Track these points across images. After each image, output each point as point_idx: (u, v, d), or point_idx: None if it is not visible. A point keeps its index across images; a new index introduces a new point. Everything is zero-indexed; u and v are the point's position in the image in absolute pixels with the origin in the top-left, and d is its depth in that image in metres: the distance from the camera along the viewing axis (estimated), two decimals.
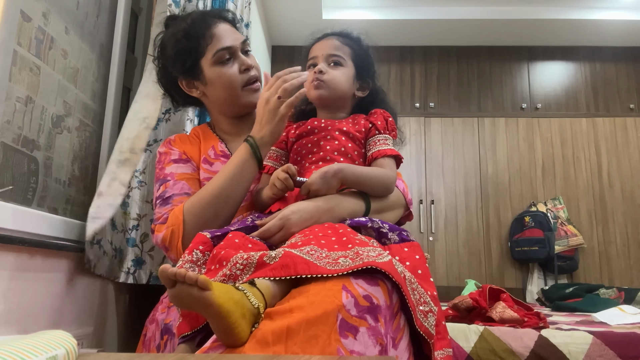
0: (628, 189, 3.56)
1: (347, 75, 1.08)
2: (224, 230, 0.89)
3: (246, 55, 1.16)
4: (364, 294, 0.66)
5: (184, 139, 1.21)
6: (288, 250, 0.71)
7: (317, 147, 1.03)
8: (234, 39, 1.13)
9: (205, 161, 1.16)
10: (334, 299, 0.63)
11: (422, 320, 0.72)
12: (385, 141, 1.04)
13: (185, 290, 0.57)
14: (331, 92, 1.06)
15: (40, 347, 0.50)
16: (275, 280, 0.68)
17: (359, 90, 1.12)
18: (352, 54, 1.10)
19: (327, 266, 0.68)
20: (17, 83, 1.03)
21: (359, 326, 0.63)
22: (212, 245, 0.85)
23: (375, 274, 0.69)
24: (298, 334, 0.60)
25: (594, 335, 1.48)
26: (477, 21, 3.57)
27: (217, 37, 1.11)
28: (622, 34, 3.65)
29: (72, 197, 1.27)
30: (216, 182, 1.01)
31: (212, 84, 1.13)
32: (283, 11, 3.37)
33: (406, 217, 1.11)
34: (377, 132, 1.04)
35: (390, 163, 1.02)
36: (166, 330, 1.00)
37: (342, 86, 1.07)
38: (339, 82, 1.07)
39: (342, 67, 1.08)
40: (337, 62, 1.08)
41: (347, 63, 1.09)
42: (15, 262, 0.97)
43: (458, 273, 3.49)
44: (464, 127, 3.75)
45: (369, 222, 0.89)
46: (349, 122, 1.07)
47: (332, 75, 1.06)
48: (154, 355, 0.63)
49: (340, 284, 0.66)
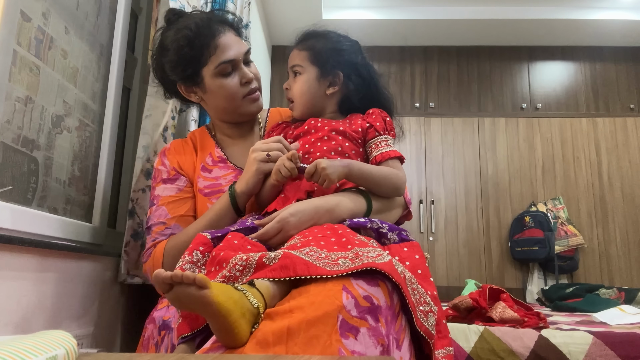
0: (628, 189, 3.56)
1: (306, 82, 1.08)
2: (224, 231, 0.89)
3: (247, 66, 1.15)
4: (364, 295, 0.66)
5: (178, 148, 1.20)
6: (287, 252, 0.71)
7: (314, 147, 1.03)
8: (237, 51, 1.11)
9: (204, 169, 1.16)
10: (335, 299, 0.63)
11: (422, 320, 0.72)
12: (386, 142, 1.03)
13: (184, 291, 0.56)
14: (299, 104, 1.09)
15: (40, 347, 0.50)
16: (274, 280, 0.68)
17: (330, 86, 1.09)
18: (309, 56, 1.09)
19: (326, 267, 0.68)
20: (17, 83, 1.03)
21: (360, 327, 0.63)
22: (212, 246, 0.85)
23: (376, 274, 0.69)
24: (299, 335, 0.59)
25: (594, 336, 1.48)
26: (477, 21, 3.57)
27: (221, 48, 1.08)
28: (622, 34, 3.65)
29: (72, 197, 1.27)
30: (196, 228, 1.03)
31: (212, 93, 1.12)
32: (283, 11, 3.37)
33: (405, 217, 1.11)
34: (377, 133, 1.04)
35: (397, 165, 1.02)
36: (164, 326, 1.00)
37: (304, 94, 1.08)
38: (299, 91, 1.08)
39: (301, 75, 1.09)
40: (296, 72, 1.10)
41: (306, 68, 1.08)
42: (15, 262, 0.97)
43: (458, 273, 3.49)
44: (464, 127, 3.75)
45: (368, 223, 0.89)
46: (345, 122, 1.06)
47: (292, 88, 1.10)
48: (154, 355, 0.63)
49: (340, 285, 0.66)
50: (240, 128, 1.21)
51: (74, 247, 1.19)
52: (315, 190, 0.96)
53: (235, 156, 1.19)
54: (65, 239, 1.18)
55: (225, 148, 1.20)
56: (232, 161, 1.17)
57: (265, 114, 1.28)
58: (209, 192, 1.13)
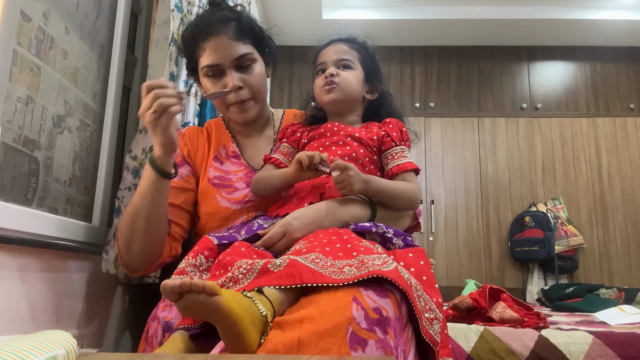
0: (628, 189, 3.56)
1: (357, 77, 1.10)
2: (231, 238, 0.89)
3: (242, 71, 1.10)
4: (373, 306, 0.65)
5: (192, 137, 1.21)
6: (293, 259, 0.71)
7: (329, 151, 1.03)
8: (225, 56, 1.07)
9: (216, 159, 1.16)
10: (345, 311, 0.63)
11: (427, 327, 0.72)
12: (402, 153, 1.04)
13: (194, 299, 0.56)
14: (344, 94, 1.08)
15: (40, 347, 0.50)
16: (282, 288, 0.68)
17: (369, 93, 1.13)
18: (359, 57, 1.12)
19: (332, 275, 0.68)
20: (18, 83, 1.03)
21: (368, 339, 0.63)
22: (217, 252, 0.86)
23: (384, 283, 0.69)
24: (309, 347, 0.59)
25: (594, 336, 1.48)
26: (477, 21, 3.57)
27: (208, 52, 1.07)
28: (622, 34, 3.65)
29: (73, 197, 1.27)
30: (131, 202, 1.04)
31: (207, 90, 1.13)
32: (283, 11, 3.37)
33: (414, 228, 1.10)
34: (394, 143, 1.04)
35: (413, 178, 1.03)
36: (167, 327, 1.00)
37: (353, 87, 1.09)
38: (351, 84, 1.08)
39: (352, 70, 1.10)
40: (347, 65, 1.09)
41: (356, 66, 1.11)
42: (15, 262, 0.97)
43: (458, 273, 3.49)
44: (464, 127, 3.75)
45: (373, 227, 0.89)
46: (362, 129, 1.07)
47: (343, 77, 1.08)
48: (154, 355, 0.63)
49: (350, 295, 0.65)
50: (248, 127, 1.21)
51: (74, 247, 1.18)
52: (325, 193, 0.97)
53: (249, 153, 1.19)
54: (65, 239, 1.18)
55: (240, 143, 1.20)
56: (245, 158, 1.17)
57: (280, 114, 1.28)
58: (218, 184, 1.14)
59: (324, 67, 1.10)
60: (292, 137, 1.12)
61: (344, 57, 1.10)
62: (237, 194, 1.12)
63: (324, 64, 1.11)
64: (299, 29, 3.51)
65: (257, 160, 1.18)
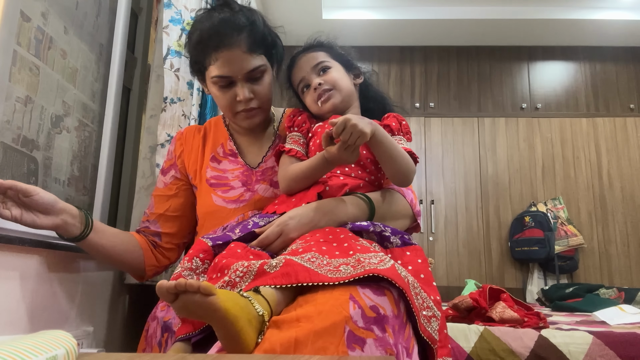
0: (628, 189, 3.56)
1: (340, 71, 1.10)
2: (226, 239, 0.88)
3: (253, 82, 1.08)
4: (370, 305, 0.65)
5: (189, 137, 1.22)
6: (289, 258, 0.71)
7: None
8: (237, 70, 1.04)
9: (214, 159, 1.17)
10: (342, 309, 0.63)
11: (425, 325, 0.72)
12: (399, 142, 1.03)
13: (190, 299, 0.55)
14: (340, 94, 1.07)
15: (40, 347, 0.50)
16: (279, 288, 0.68)
17: (355, 78, 1.14)
18: (328, 54, 1.12)
19: (328, 274, 0.68)
20: (17, 83, 1.03)
21: (366, 338, 0.62)
22: (212, 254, 0.85)
23: (381, 282, 0.69)
24: (306, 346, 0.59)
25: (594, 335, 1.48)
26: (477, 21, 3.57)
27: (220, 63, 1.04)
28: (622, 34, 3.65)
29: (72, 197, 1.27)
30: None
31: (212, 95, 1.12)
32: (283, 11, 3.37)
33: (413, 229, 1.09)
34: (392, 133, 1.03)
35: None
36: (166, 327, 1.00)
37: (344, 82, 1.09)
38: (340, 80, 1.08)
39: (332, 68, 1.09)
40: (324, 67, 1.09)
41: (332, 62, 1.10)
42: (14, 262, 0.97)
43: (458, 273, 3.49)
44: (464, 127, 3.75)
45: (370, 226, 0.89)
46: None
47: (330, 78, 1.07)
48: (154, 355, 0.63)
49: (347, 294, 0.65)
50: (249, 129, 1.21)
51: (74, 247, 1.18)
52: (326, 191, 0.97)
53: (246, 152, 1.19)
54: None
55: (238, 141, 1.20)
56: (242, 157, 1.17)
57: (280, 112, 1.27)
58: (215, 184, 1.13)
59: (306, 82, 1.09)
60: (305, 125, 1.10)
61: (317, 61, 1.09)
62: (232, 192, 1.12)
63: (303, 79, 1.10)
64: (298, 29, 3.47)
65: (256, 158, 1.17)
